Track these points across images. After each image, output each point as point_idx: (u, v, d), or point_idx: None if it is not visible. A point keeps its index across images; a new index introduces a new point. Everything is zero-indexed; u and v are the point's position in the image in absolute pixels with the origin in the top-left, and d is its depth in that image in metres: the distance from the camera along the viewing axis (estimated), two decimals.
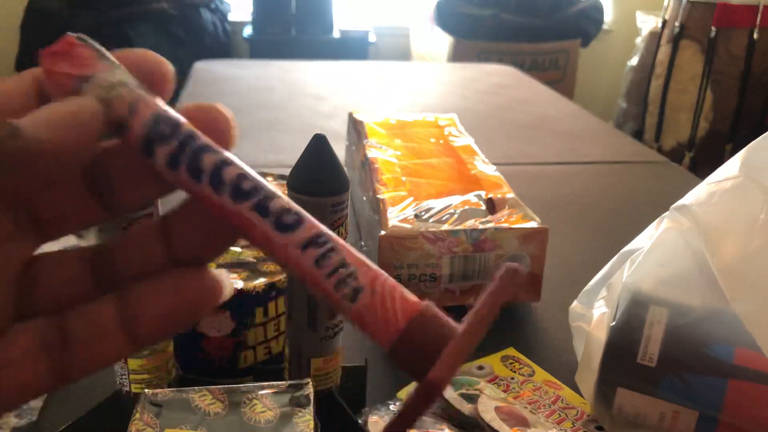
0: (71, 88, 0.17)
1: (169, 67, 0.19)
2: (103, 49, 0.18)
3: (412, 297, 0.18)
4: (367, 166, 0.67)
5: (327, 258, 0.17)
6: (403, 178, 0.64)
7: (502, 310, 0.18)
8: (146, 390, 0.33)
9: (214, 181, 0.17)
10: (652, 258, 0.43)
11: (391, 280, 0.18)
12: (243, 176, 0.18)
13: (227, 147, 0.18)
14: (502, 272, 0.18)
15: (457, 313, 0.19)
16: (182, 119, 0.18)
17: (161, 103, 0.18)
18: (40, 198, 0.18)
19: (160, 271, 0.18)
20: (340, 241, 0.18)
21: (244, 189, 0.17)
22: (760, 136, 0.41)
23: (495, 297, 0.17)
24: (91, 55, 0.17)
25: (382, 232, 0.54)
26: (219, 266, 0.45)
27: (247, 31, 2.53)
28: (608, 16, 2.97)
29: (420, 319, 0.17)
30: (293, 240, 0.17)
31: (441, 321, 0.17)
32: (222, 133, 0.18)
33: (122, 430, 0.31)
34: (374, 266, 0.18)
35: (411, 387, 0.45)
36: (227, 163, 0.18)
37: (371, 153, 0.69)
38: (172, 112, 0.18)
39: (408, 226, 0.55)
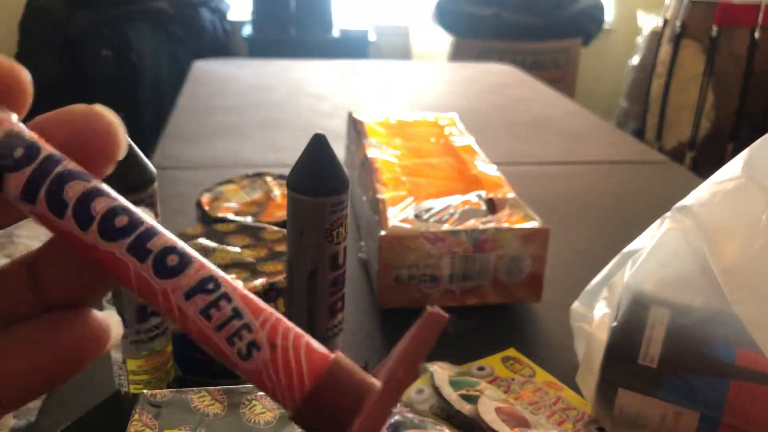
0: None
1: (26, 75, 0.15)
2: None
3: (321, 349, 0.15)
4: (367, 166, 0.67)
5: (217, 307, 0.15)
6: (403, 178, 0.64)
7: (502, 311, 0.17)
8: (145, 391, 0.33)
9: (80, 216, 0.15)
10: (654, 258, 0.43)
11: (296, 330, 0.15)
12: (116, 210, 0.15)
13: (107, 163, 0.15)
14: (423, 317, 0.16)
15: (458, 313, 0.18)
16: (38, 138, 0.15)
17: (12, 118, 0.15)
18: None
19: (32, 318, 0.15)
20: (239, 287, 0.15)
21: (117, 225, 0.15)
22: (763, 137, 0.41)
23: (418, 345, 0.15)
24: None
25: (382, 232, 0.54)
26: (218, 267, 0.45)
27: (247, 30, 2.53)
28: (609, 16, 2.96)
29: (329, 377, 0.15)
30: (177, 286, 0.15)
31: (353, 378, 0.15)
32: (100, 147, 0.15)
33: (121, 430, 0.31)
34: (277, 314, 0.15)
35: (411, 388, 0.45)
36: (97, 193, 0.15)
37: (371, 153, 0.69)
38: (25, 129, 0.15)
39: (408, 226, 0.55)
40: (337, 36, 2.58)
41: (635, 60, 2.58)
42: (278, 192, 0.67)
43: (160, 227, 0.15)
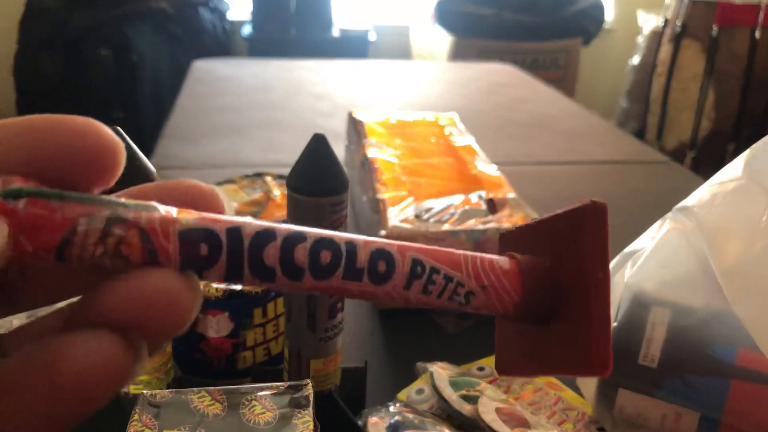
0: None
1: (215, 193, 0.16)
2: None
3: (508, 265, 0.18)
4: (366, 165, 0.67)
5: (431, 282, 0.17)
6: (403, 178, 0.64)
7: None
8: (145, 391, 0.33)
9: (290, 272, 0.15)
10: (654, 259, 0.43)
11: (488, 259, 0.18)
12: (316, 249, 0.15)
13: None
14: (584, 211, 0.18)
15: (458, 313, 0.19)
16: (203, 218, 0.15)
17: (173, 213, 0.15)
18: None
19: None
20: (432, 252, 0.17)
21: (323, 264, 0.15)
22: (764, 137, 0.41)
23: (597, 242, 0.17)
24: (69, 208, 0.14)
25: (382, 232, 0.54)
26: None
27: (247, 30, 2.53)
28: (609, 15, 2.96)
29: (529, 283, 0.18)
30: (395, 285, 0.16)
31: (544, 269, 0.18)
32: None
33: (121, 431, 0.30)
34: (469, 254, 0.18)
35: (411, 387, 0.45)
36: (292, 240, 0.15)
37: (371, 153, 0.68)
38: (193, 215, 0.15)
39: (408, 226, 0.55)
40: (337, 36, 2.57)
41: (635, 60, 2.58)
42: (278, 192, 0.67)
43: (355, 236, 0.16)
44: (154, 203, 0.15)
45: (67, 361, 0.13)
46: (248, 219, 0.16)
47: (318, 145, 0.36)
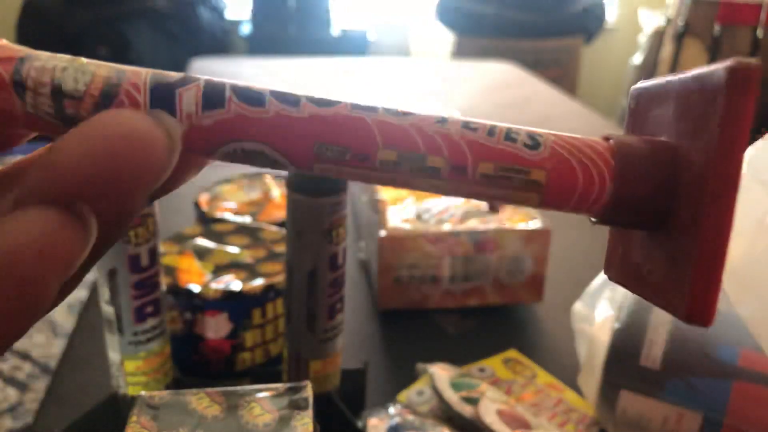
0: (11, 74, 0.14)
1: None
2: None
3: (600, 146, 0.14)
4: None
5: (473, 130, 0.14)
6: None
7: (503, 312, 0.17)
8: (143, 392, 0.33)
9: (283, 98, 0.14)
10: None
11: (566, 136, 0.14)
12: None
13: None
14: (727, 74, 0.12)
15: (459, 314, 0.18)
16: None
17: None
18: None
19: None
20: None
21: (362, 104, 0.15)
22: (766, 136, 0.41)
23: (739, 111, 0.12)
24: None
25: (382, 233, 0.54)
26: (217, 268, 0.45)
27: (245, 28, 2.53)
28: (611, 14, 2.96)
29: (625, 171, 0.14)
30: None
31: (653, 154, 0.14)
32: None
33: None
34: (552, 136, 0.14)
35: (411, 388, 0.45)
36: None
37: None
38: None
39: (408, 226, 0.55)
40: (336, 35, 2.57)
41: (637, 59, 2.58)
42: (277, 192, 0.66)
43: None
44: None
45: None
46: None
47: None
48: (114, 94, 0.14)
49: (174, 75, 0.14)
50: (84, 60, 0.14)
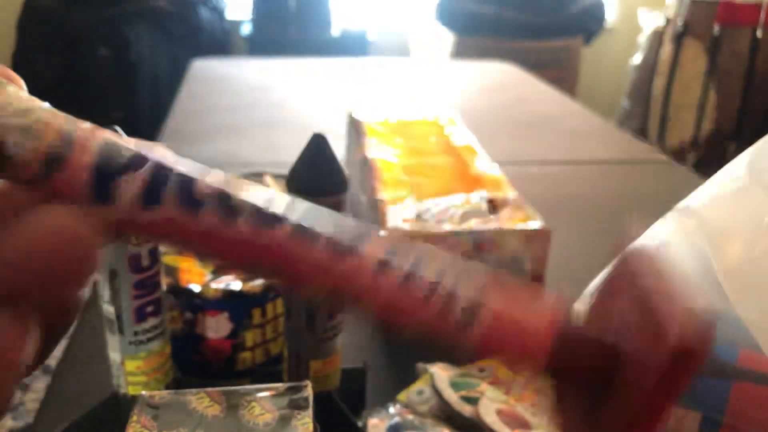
0: None
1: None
2: None
3: (545, 317, 0.15)
4: (367, 165, 0.66)
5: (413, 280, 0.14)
6: (403, 178, 0.63)
7: None
8: (143, 392, 0.33)
9: (223, 211, 0.14)
10: None
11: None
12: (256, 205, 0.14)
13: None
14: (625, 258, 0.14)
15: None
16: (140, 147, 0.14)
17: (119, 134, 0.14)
18: None
19: None
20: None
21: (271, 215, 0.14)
22: (766, 136, 0.41)
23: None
24: None
25: (382, 233, 0.54)
26: (217, 268, 0.45)
27: (246, 29, 2.53)
28: (611, 14, 2.96)
29: (560, 348, 0.14)
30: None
31: (592, 342, 0.15)
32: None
33: None
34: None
35: (411, 388, 0.45)
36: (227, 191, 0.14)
37: (371, 152, 0.68)
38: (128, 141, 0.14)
39: (408, 226, 0.55)
40: (337, 35, 2.57)
41: (637, 59, 2.58)
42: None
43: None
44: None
45: None
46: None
47: (318, 144, 0.36)
48: (60, 161, 0.14)
49: (125, 152, 0.14)
50: (43, 117, 0.13)
